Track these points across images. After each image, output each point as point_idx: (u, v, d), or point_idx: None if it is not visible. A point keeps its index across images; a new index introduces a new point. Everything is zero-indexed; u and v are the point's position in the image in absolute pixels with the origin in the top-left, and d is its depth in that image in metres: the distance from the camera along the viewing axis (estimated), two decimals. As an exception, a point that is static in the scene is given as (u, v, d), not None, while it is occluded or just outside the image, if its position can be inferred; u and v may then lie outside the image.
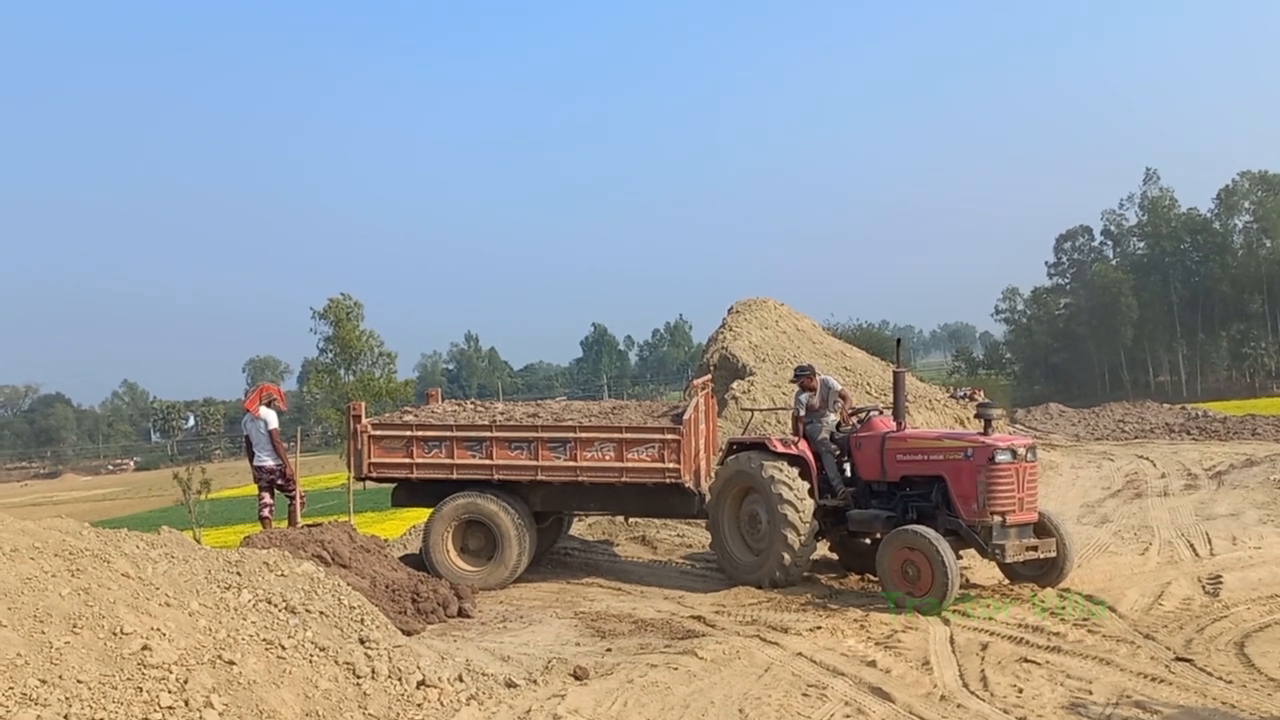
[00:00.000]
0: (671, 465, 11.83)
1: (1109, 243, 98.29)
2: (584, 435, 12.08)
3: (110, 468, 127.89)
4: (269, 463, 12.36)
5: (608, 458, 11.99)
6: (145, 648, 6.26)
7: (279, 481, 12.44)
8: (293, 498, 12.56)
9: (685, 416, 12.08)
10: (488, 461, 12.23)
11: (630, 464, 11.94)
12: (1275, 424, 27.66)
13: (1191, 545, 11.85)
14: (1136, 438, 27.45)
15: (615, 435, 12.03)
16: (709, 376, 13.18)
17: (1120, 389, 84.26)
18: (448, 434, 12.38)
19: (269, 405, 12.51)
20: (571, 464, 12.06)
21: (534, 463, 12.14)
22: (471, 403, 15.17)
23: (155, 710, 5.90)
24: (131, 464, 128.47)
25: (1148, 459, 20.50)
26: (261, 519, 12.38)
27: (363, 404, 13.28)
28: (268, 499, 12.38)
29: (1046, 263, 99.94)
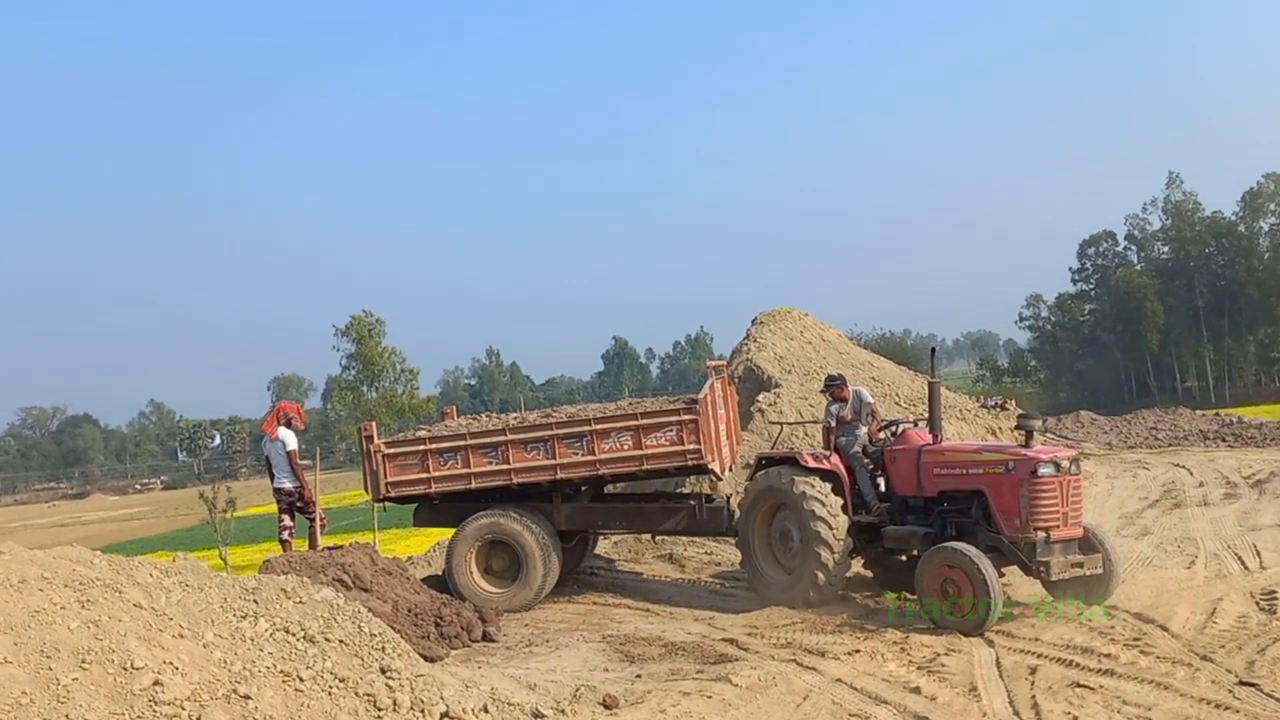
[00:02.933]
0: (692, 446, 11.56)
1: (1133, 247, 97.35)
2: (600, 427, 11.83)
3: (138, 487, 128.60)
4: (287, 484, 12.13)
5: (626, 446, 11.74)
6: (157, 683, 6.00)
7: (298, 504, 12.20)
8: (313, 519, 12.32)
9: (700, 396, 11.80)
10: (505, 466, 11.98)
11: (650, 450, 11.68)
12: (1314, 430, 27.06)
13: (1239, 558, 11.43)
14: (1170, 445, 26.89)
15: (631, 423, 11.79)
16: (724, 361, 12.88)
17: (1147, 395, 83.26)
18: (462, 443, 12.13)
19: (287, 425, 12.28)
20: (590, 457, 11.81)
21: (552, 461, 11.88)
22: (486, 415, 14.95)
23: (166, 749, 5.64)
24: (159, 483, 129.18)
25: (1184, 467, 20.00)
26: (282, 541, 12.15)
27: (374, 424, 13.05)
28: (288, 521, 12.15)
29: (1070, 268, 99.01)
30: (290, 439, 12.19)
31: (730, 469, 13.22)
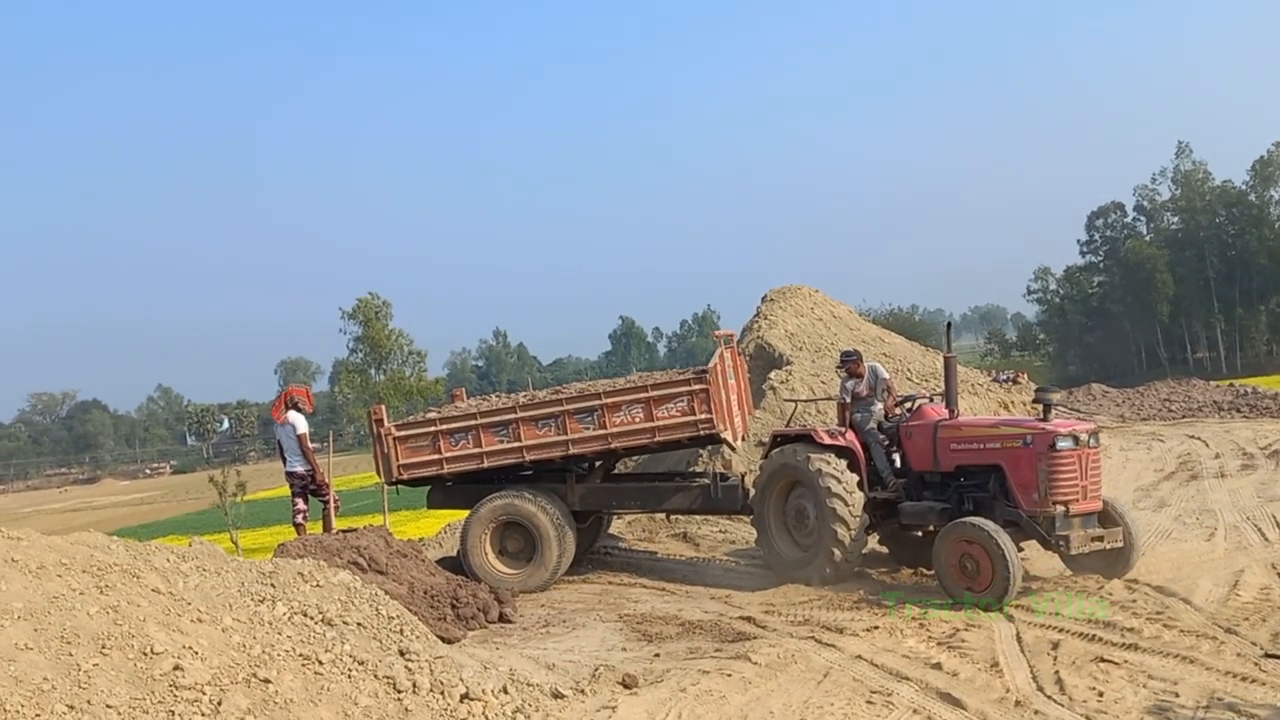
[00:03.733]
0: (704, 416, 11.51)
1: (1142, 218, 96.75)
2: (610, 400, 11.78)
3: (147, 472, 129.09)
4: (299, 468, 12.11)
5: (637, 419, 11.70)
6: (177, 668, 5.97)
7: (311, 487, 12.17)
8: (326, 502, 12.30)
9: (710, 365, 11.74)
10: (517, 444, 11.94)
11: (661, 421, 11.65)
12: (1329, 400, 26.90)
13: (1259, 529, 11.34)
14: (1184, 417, 26.75)
15: (641, 395, 11.75)
16: (732, 332, 12.80)
17: (1158, 367, 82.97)
18: (473, 422, 12.09)
19: (294, 409, 12.25)
20: (601, 431, 11.77)
21: (563, 437, 11.84)
22: (495, 395, 14.92)
23: (188, 734, 5.61)
24: (168, 468, 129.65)
25: (1199, 439, 19.87)
26: (296, 525, 12.13)
27: (384, 407, 13.01)
28: (301, 505, 12.13)
29: (1079, 241, 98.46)
30: (300, 422, 12.14)
31: (743, 439, 13.16)
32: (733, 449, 12.88)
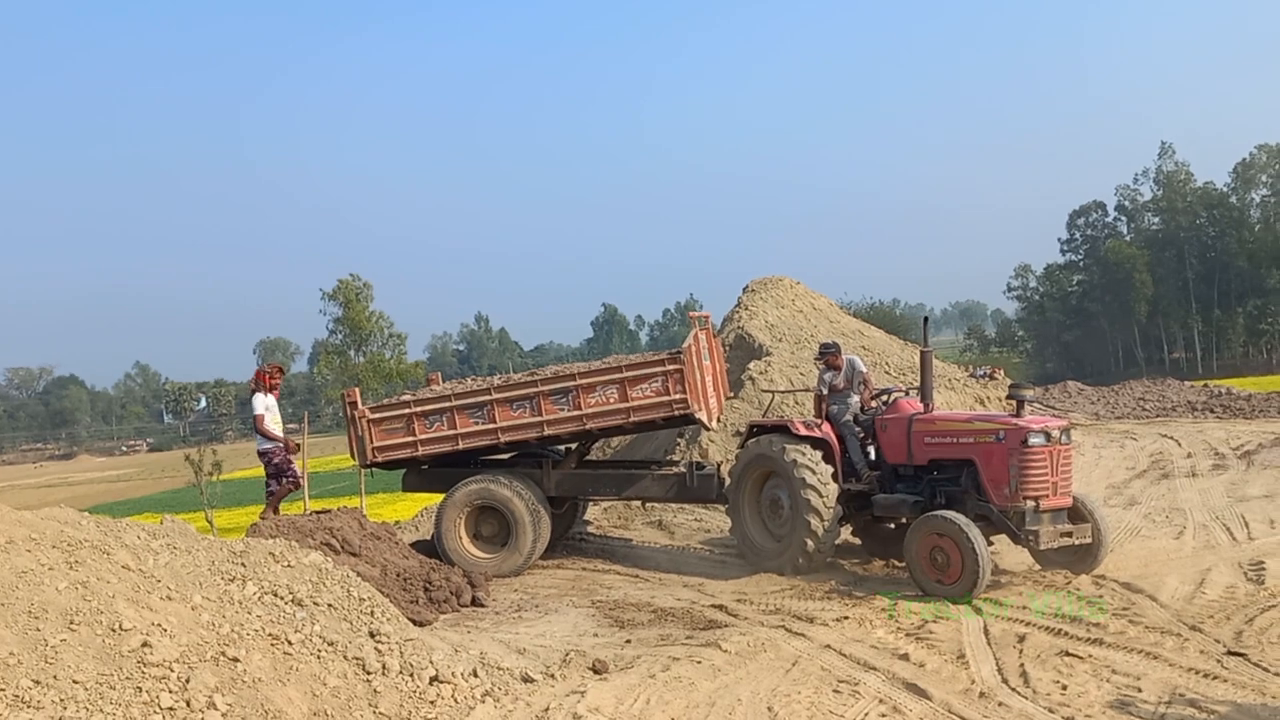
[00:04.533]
0: (678, 396, 11.51)
1: (1123, 218, 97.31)
2: (585, 381, 11.78)
3: (124, 449, 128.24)
4: (263, 447, 11.87)
5: (612, 400, 11.70)
6: (145, 645, 5.96)
7: (270, 468, 11.95)
8: (272, 491, 11.96)
9: (684, 345, 11.76)
10: (491, 425, 11.92)
11: (636, 402, 11.64)
12: (1302, 402, 27.18)
13: (1227, 529, 11.46)
14: (1158, 416, 26.97)
15: (616, 375, 11.75)
16: (708, 314, 12.81)
17: (1134, 366, 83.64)
18: (447, 404, 12.06)
19: (254, 391, 12.09)
20: (576, 412, 11.76)
21: (538, 418, 11.82)
22: (471, 379, 14.90)
23: (155, 711, 5.61)
24: (145, 445, 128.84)
25: (1172, 438, 20.04)
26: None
27: (357, 390, 12.95)
28: (273, 486, 12.05)
29: (1059, 239, 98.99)
30: (257, 403, 11.91)
31: (719, 420, 13.18)
32: (707, 429, 12.91)
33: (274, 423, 11.85)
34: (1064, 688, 6.79)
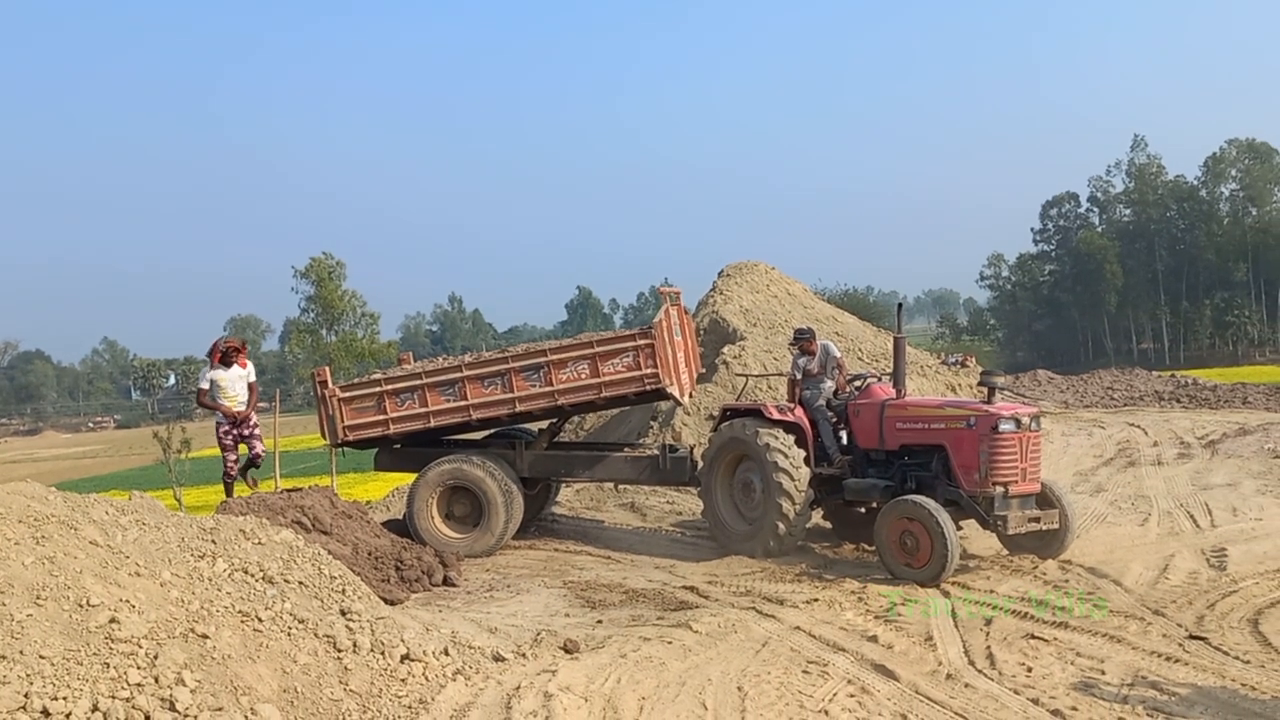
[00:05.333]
0: (649, 370, 11.49)
1: (1095, 210, 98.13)
2: (557, 357, 11.76)
3: (91, 425, 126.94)
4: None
5: (583, 375, 11.69)
6: (113, 620, 5.91)
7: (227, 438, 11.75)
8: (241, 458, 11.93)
9: (655, 320, 11.77)
10: (463, 403, 11.88)
11: (607, 377, 11.62)
12: (1266, 393, 27.49)
13: (1191, 516, 11.62)
14: (1126, 405, 27.25)
15: (587, 351, 11.73)
16: (679, 289, 12.80)
17: (1103, 356, 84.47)
18: (418, 382, 12.02)
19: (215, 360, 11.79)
20: (548, 389, 11.74)
21: (510, 395, 11.79)
22: (442, 358, 14.85)
23: (123, 687, 5.56)
24: (112, 422, 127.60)
25: (1139, 427, 20.27)
26: (238, 479, 11.99)
27: (328, 369, 12.87)
28: (232, 458, 11.90)
29: (1032, 229, 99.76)
30: (202, 377, 11.83)
31: (690, 395, 13.20)
32: (679, 404, 12.93)
33: (223, 399, 11.61)
34: (1029, 670, 6.88)
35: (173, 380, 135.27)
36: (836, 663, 7.19)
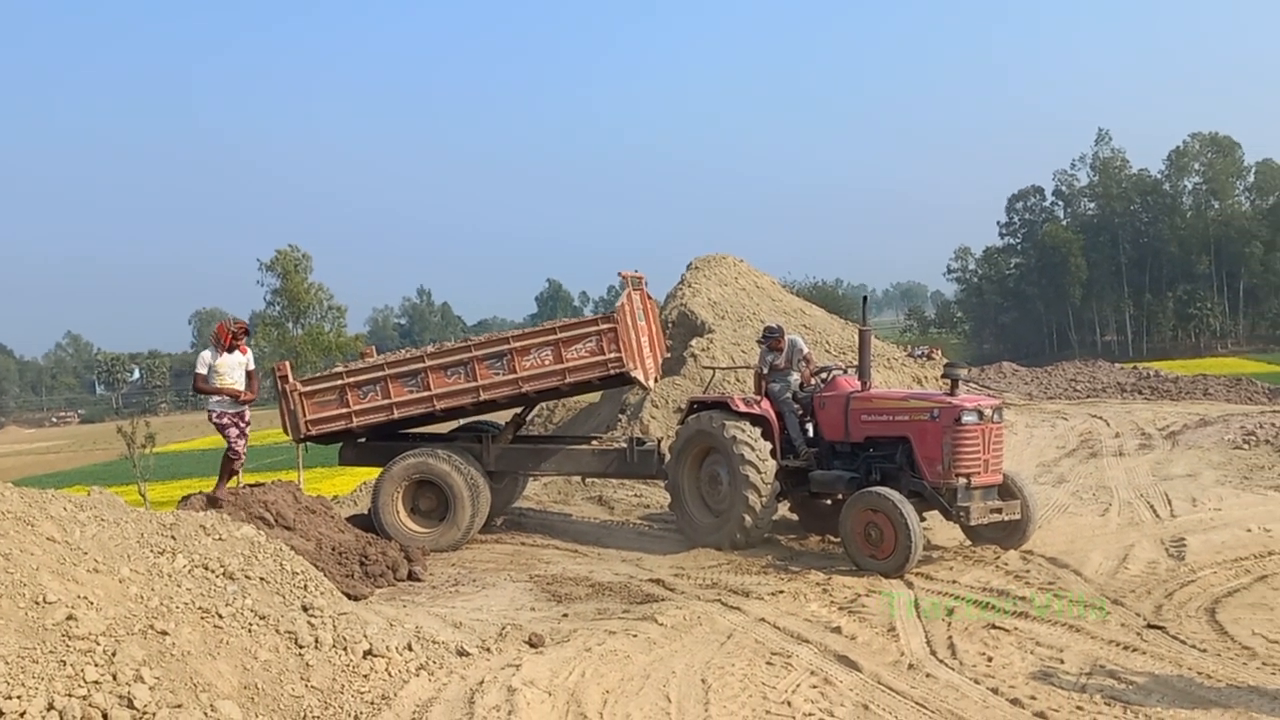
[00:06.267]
0: (613, 355, 11.49)
1: (1060, 203, 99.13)
2: (520, 344, 11.74)
3: (54, 420, 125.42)
4: (209, 406, 11.05)
5: (547, 361, 11.67)
6: (70, 617, 5.83)
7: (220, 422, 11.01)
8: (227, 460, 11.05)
9: (617, 305, 11.77)
10: (427, 393, 11.83)
11: (571, 363, 11.61)
12: (1227, 384, 27.93)
13: (1151, 506, 11.78)
14: (1089, 397, 27.55)
15: (550, 337, 11.71)
16: (641, 274, 12.80)
17: (1068, 348, 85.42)
18: (380, 374, 11.96)
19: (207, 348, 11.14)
20: (512, 376, 11.71)
21: (474, 384, 11.75)
22: (405, 350, 14.79)
23: (80, 685, 5.48)
24: (76, 417, 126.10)
25: (1101, 418, 20.50)
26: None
27: (288, 364, 12.75)
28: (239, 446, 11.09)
29: (999, 223, 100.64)
30: (200, 360, 11.05)
31: (655, 380, 13.22)
32: (644, 388, 12.94)
33: (220, 384, 10.91)
34: (989, 659, 6.95)
35: (137, 375, 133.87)
36: (800, 654, 7.23)
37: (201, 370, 10.99)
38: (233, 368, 11.06)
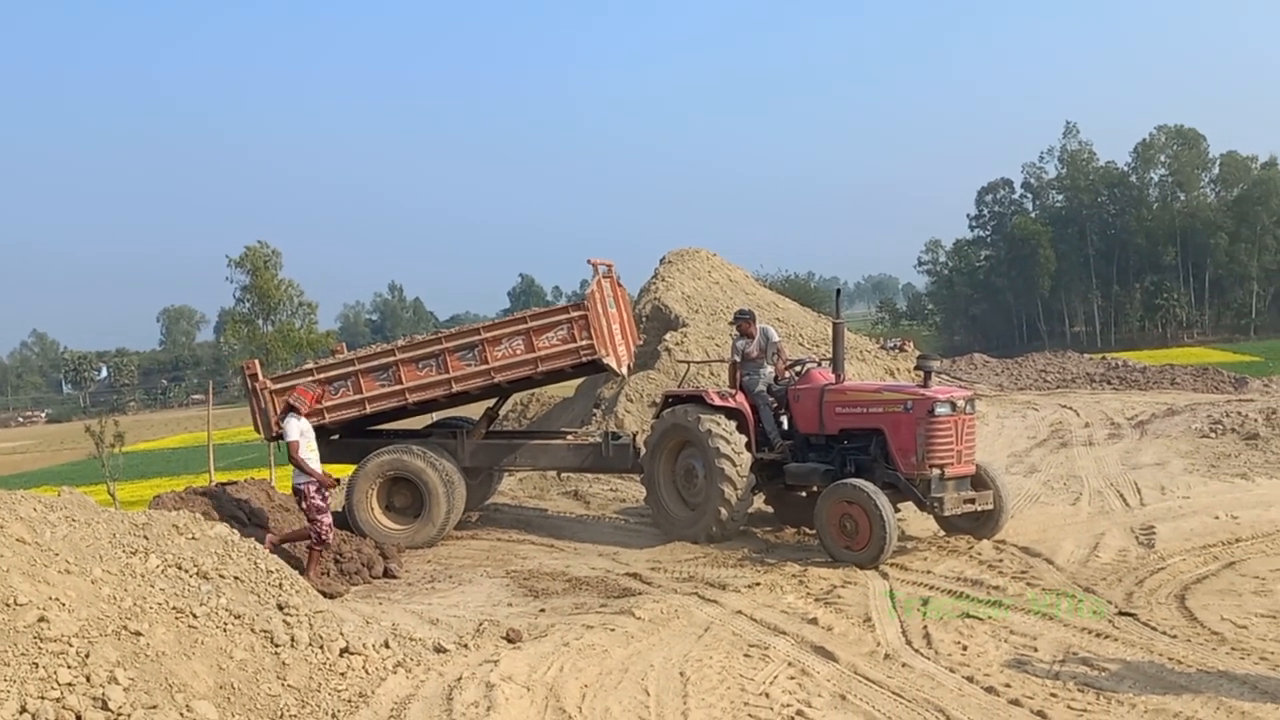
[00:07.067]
0: (585, 342, 11.51)
1: (1029, 195, 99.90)
2: (491, 335, 11.73)
3: (20, 420, 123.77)
4: (297, 482, 10.20)
5: (519, 351, 11.67)
6: (42, 619, 5.77)
7: (301, 505, 10.29)
8: (311, 534, 10.09)
9: (587, 292, 11.79)
10: (398, 386, 11.78)
11: (543, 351, 11.62)
12: (1193, 374, 28.25)
13: (1121, 495, 11.90)
14: (1059, 387, 27.80)
15: (521, 327, 11.71)
16: (610, 261, 12.80)
17: (1038, 339, 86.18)
18: (351, 369, 11.90)
19: (287, 411, 10.49)
20: (484, 366, 11.69)
21: (445, 375, 11.72)
22: (374, 346, 14.72)
23: (53, 687, 5.43)
24: (42, 416, 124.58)
25: (1071, 408, 20.70)
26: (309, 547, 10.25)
27: (257, 362, 12.66)
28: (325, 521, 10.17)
29: (969, 215, 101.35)
30: (291, 428, 10.18)
31: (629, 367, 13.25)
32: (618, 374, 12.99)
33: (309, 450, 10.22)
34: (964, 648, 7.01)
35: (105, 373, 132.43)
36: (777, 646, 7.26)
37: (295, 438, 10.13)
38: (312, 433, 10.43)
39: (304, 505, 10.10)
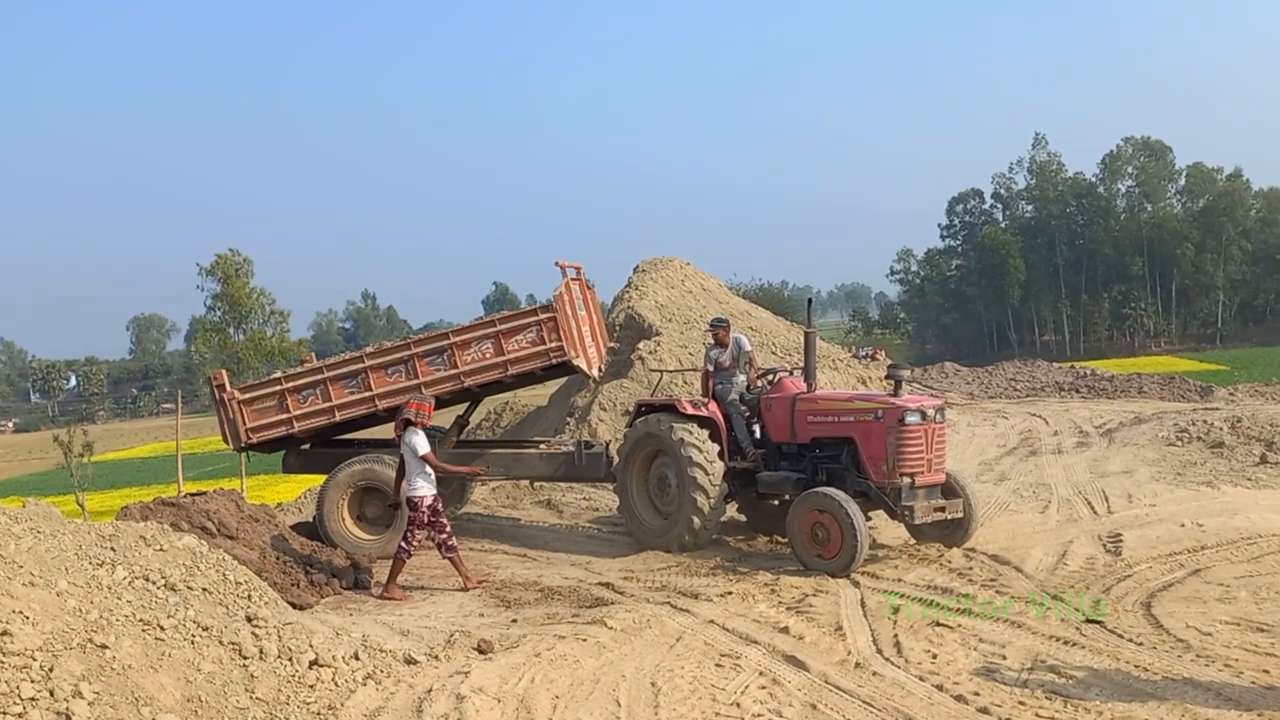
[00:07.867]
0: (554, 344, 11.51)
1: (999, 206, 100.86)
2: (460, 339, 11.72)
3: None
4: (417, 492, 10.09)
5: (488, 355, 11.67)
6: (5, 633, 5.69)
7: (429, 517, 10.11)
8: (406, 542, 10.02)
9: (555, 293, 11.78)
10: (368, 394, 11.75)
11: (512, 354, 11.61)
12: (1160, 382, 28.63)
13: (1089, 503, 12.01)
14: (1028, 396, 28.07)
15: (490, 330, 11.71)
16: (578, 264, 12.82)
17: (1008, 348, 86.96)
18: (319, 376, 11.86)
19: (412, 423, 10.22)
20: (453, 371, 11.67)
21: (415, 381, 11.67)
22: (344, 354, 14.66)
23: (15, 702, 5.36)
24: (10, 426, 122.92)
25: (1040, 417, 20.88)
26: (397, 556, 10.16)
27: (225, 372, 12.57)
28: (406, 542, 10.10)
29: (940, 225, 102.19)
30: (420, 441, 10.09)
31: (599, 369, 13.27)
32: (588, 376, 12.99)
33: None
34: (934, 656, 7.06)
35: (73, 382, 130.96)
36: (749, 655, 7.27)
37: (428, 448, 10.13)
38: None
39: (412, 514, 10.05)
